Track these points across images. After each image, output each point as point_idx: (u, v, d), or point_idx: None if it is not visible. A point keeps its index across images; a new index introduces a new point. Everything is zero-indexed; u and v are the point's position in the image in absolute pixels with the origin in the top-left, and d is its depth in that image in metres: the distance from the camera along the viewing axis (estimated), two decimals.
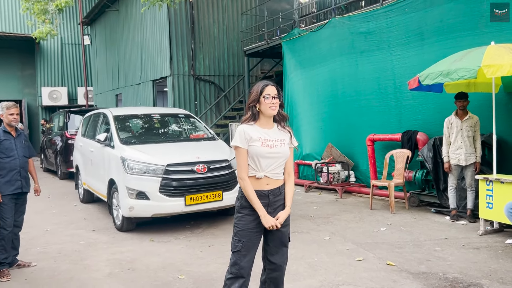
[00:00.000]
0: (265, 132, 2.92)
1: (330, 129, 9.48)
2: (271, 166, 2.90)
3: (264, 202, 2.90)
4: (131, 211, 5.95)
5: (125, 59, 17.85)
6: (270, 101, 2.88)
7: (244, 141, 2.88)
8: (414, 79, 6.05)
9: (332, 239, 5.54)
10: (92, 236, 6.08)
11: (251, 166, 2.90)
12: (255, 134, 2.89)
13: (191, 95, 14.60)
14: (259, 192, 2.89)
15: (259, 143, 2.87)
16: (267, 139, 2.90)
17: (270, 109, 2.89)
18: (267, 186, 2.91)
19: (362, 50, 8.59)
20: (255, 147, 2.86)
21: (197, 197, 5.96)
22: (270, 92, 2.90)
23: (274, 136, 2.93)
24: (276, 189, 2.93)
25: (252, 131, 2.90)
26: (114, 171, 6.43)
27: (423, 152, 6.85)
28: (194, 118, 8.00)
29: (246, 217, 2.89)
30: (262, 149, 2.86)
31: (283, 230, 2.98)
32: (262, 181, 2.90)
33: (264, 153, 2.86)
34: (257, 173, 2.89)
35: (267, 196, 2.91)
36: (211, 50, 14.90)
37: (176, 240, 5.75)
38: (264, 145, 2.87)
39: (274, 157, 2.89)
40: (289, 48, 10.72)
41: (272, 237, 2.97)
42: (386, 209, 7.16)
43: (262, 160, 2.87)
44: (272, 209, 2.94)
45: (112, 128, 6.99)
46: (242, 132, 2.89)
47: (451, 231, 5.72)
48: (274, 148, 2.90)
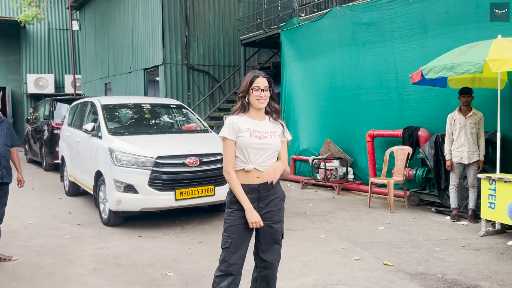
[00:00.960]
0: (255, 123, 2.93)
1: (329, 124, 9.49)
2: (261, 158, 2.89)
3: (254, 196, 2.90)
4: (119, 204, 5.95)
5: (115, 46, 17.76)
6: (259, 93, 2.89)
7: (232, 132, 2.88)
8: (417, 73, 6.06)
9: (328, 238, 5.57)
10: (77, 230, 6.08)
11: (240, 158, 2.90)
12: (244, 125, 2.89)
13: (184, 85, 14.56)
14: (249, 186, 2.89)
15: (247, 134, 2.87)
16: (256, 130, 2.90)
17: (258, 102, 2.89)
18: (257, 179, 2.90)
19: (363, 42, 8.59)
20: (243, 138, 2.87)
21: (188, 191, 5.96)
22: (260, 84, 2.90)
23: (265, 128, 2.94)
24: (267, 183, 2.93)
25: (242, 122, 2.91)
26: (101, 162, 6.42)
27: (425, 149, 6.88)
28: (186, 109, 7.99)
29: (236, 212, 2.89)
30: (251, 140, 2.87)
31: (275, 226, 2.99)
32: (252, 174, 2.89)
33: (253, 144, 2.87)
34: (246, 165, 2.89)
35: (257, 190, 2.91)
36: (206, 39, 14.85)
37: (165, 236, 5.76)
38: (253, 135, 2.88)
39: (264, 148, 2.89)
40: (287, 38, 10.71)
41: (264, 234, 2.97)
42: (385, 207, 7.20)
43: (250, 151, 2.87)
44: (264, 204, 2.94)
45: (100, 117, 6.97)
46: (230, 123, 2.90)
47: (451, 232, 5.76)
48: (264, 139, 2.90)
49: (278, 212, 2.99)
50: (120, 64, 17.40)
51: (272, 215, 2.97)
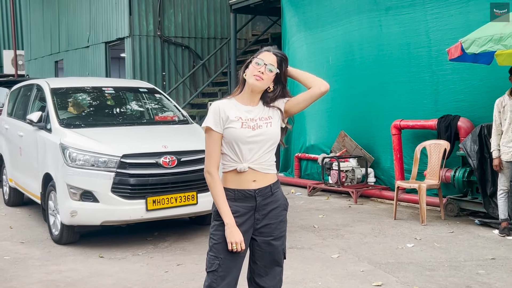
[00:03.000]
0: (247, 110, 2.93)
1: (343, 113, 9.49)
2: (256, 154, 2.90)
3: (249, 205, 2.90)
4: (74, 217, 5.93)
5: (68, 14, 17.69)
6: (258, 68, 2.88)
7: (219, 121, 2.88)
8: (455, 46, 6.05)
9: (342, 258, 5.57)
10: (20, 250, 6.05)
11: (229, 156, 2.90)
12: (233, 113, 2.89)
13: (158, 63, 14.52)
14: (243, 192, 2.89)
15: (237, 124, 2.87)
16: (248, 118, 2.90)
17: (254, 78, 2.88)
18: (253, 183, 2.91)
19: (387, 7, 8.58)
20: (232, 130, 2.86)
21: (163, 199, 5.95)
22: (265, 58, 2.90)
23: (259, 114, 2.94)
24: (266, 188, 2.93)
25: (230, 108, 2.90)
26: (51, 163, 6.39)
27: (466, 144, 6.90)
28: (160, 94, 7.97)
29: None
30: (242, 132, 2.86)
31: (275, 243, 2.99)
32: (246, 177, 2.89)
33: (245, 137, 2.87)
34: (238, 164, 2.89)
35: (253, 198, 2.91)
36: (185, 3, 14.81)
37: (133, 257, 5.74)
38: (245, 126, 2.88)
39: (259, 141, 2.89)
40: (290, 2, 10.68)
41: (262, 253, 2.98)
42: (415, 219, 7.22)
43: (243, 147, 2.87)
44: (261, 215, 2.94)
45: (49, 105, 6.93)
46: (216, 109, 2.89)
47: (500, 249, 5.78)
48: (258, 129, 2.90)
49: (279, 225, 3.00)
50: (75, 37, 17.33)
51: (272, 229, 2.97)
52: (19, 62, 21.64)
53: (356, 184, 8.86)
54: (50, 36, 19.31)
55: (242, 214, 2.90)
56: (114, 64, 16.61)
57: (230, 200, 2.90)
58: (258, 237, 2.96)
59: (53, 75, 18.94)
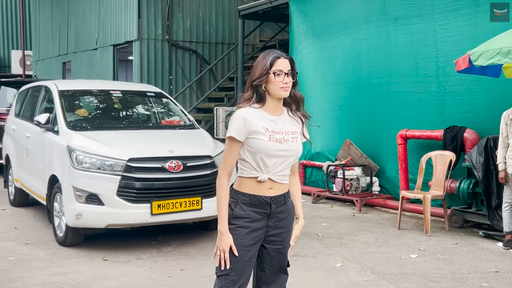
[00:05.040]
0: (273, 120, 2.92)
1: (349, 121, 9.50)
2: (279, 167, 2.92)
3: (263, 212, 2.92)
4: (79, 219, 5.94)
5: (77, 15, 17.76)
6: (282, 79, 2.86)
7: (244, 132, 2.85)
8: (463, 58, 6.05)
9: (346, 267, 5.58)
10: (24, 251, 6.06)
11: (251, 165, 2.91)
12: (260, 124, 2.86)
13: (165, 67, 14.56)
14: (259, 198, 2.91)
15: (265, 137, 2.85)
16: (275, 131, 2.89)
17: (282, 90, 2.87)
18: (269, 191, 2.93)
19: (396, 17, 8.60)
20: (259, 142, 2.85)
21: (168, 204, 5.96)
22: (282, 66, 2.88)
23: (285, 127, 2.94)
24: (280, 197, 2.96)
25: (256, 118, 2.87)
26: (57, 165, 6.41)
27: (472, 156, 6.89)
28: (167, 98, 8.00)
29: (240, 229, 2.90)
30: (270, 145, 2.86)
31: (284, 251, 3.02)
32: (264, 185, 2.91)
33: (272, 151, 2.87)
34: (260, 174, 2.90)
35: (268, 205, 2.93)
36: (193, 8, 14.86)
37: (137, 261, 5.76)
38: (273, 139, 2.87)
39: (284, 156, 2.91)
40: (299, 10, 10.71)
41: (271, 261, 3.00)
42: (419, 229, 7.21)
43: (267, 160, 2.88)
44: (273, 222, 2.96)
45: (57, 107, 6.96)
46: (241, 120, 2.85)
47: (504, 262, 5.77)
48: (285, 143, 2.90)
49: (288, 233, 3.03)
50: (83, 39, 17.40)
51: (283, 238, 3.00)
52: (27, 62, 21.73)
53: (360, 192, 8.86)
54: (58, 37, 19.38)
55: (255, 220, 2.92)
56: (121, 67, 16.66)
57: (245, 204, 2.91)
58: (268, 245, 2.98)
59: (61, 76, 19.00)
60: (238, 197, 2.93)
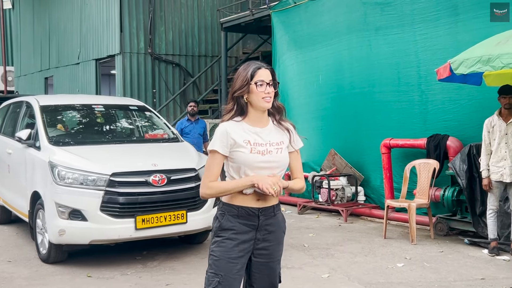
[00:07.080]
0: (256, 132, 2.91)
1: (333, 131, 9.53)
2: None
3: (252, 224, 2.89)
4: (62, 235, 5.87)
5: (59, 30, 17.69)
6: (264, 89, 2.86)
7: (226, 145, 2.85)
8: (444, 67, 6.09)
9: (333, 277, 5.56)
10: (7, 269, 5.98)
11: (235, 179, 2.90)
12: (241, 137, 2.87)
13: (148, 80, 14.53)
14: (247, 209, 2.89)
15: (247, 150, 2.85)
16: (258, 143, 2.88)
17: (263, 100, 2.87)
18: (257, 202, 2.91)
19: (377, 27, 8.67)
20: (241, 154, 2.85)
21: (152, 218, 5.91)
22: (264, 77, 2.88)
23: (268, 138, 2.93)
24: (269, 208, 2.94)
25: (238, 131, 2.88)
26: (39, 181, 6.35)
27: (455, 164, 6.93)
28: (151, 111, 7.97)
29: (227, 242, 2.88)
30: (251, 157, 2.85)
31: (274, 266, 2.99)
32: (251, 196, 2.90)
33: (254, 163, 2.86)
34: None
35: (256, 216, 2.91)
36: (176, 21, 14.87)
37: (122, 276, 5.70)
38: (254, 151, 2.86)
39: (268, 167, 2.89)
40: (281, 22, 10.75)
41: (259, 276, 2.97)
42: (405, 238, 7.22)
43: (251, 172, 2.86)
44: (262, 235, 2.93)
45: (39, 122, 6.91)
46: (224, 133, 2.86)
47: (489, 269, 5.79)
48: (268, 155, 2.89)
49: (277, 247, 3.01)
50: (65, 54, 17.32)
51: (272, 251, 2.97)
52: (8, 78, 21.54)
53: (346, 202, 8.86)
54: (40, 52, 19.29)
55: (243, 232, 2.90)
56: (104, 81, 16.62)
57: (233, 216, 2.89)
58: (257, 258, 2.95)
59: (43, 92, 18.89)
60: (226, 209, 2.91)
